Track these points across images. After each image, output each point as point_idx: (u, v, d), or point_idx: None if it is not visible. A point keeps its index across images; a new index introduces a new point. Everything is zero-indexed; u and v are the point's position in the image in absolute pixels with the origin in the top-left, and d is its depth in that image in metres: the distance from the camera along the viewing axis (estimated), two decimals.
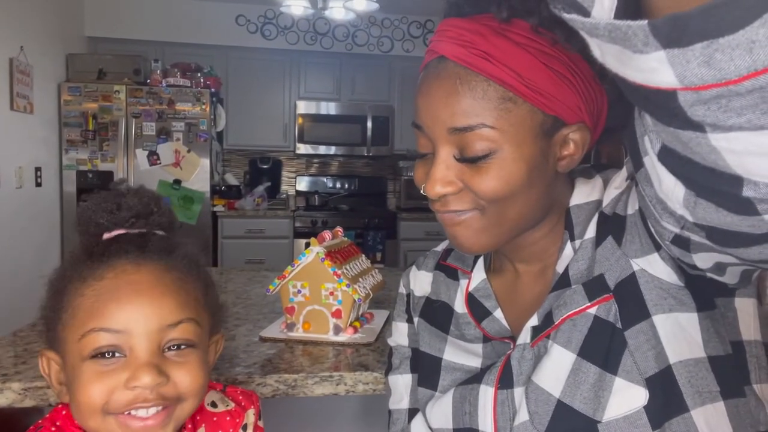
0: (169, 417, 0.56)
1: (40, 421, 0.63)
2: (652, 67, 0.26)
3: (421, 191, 0.61)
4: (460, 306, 0.70)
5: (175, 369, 0.57)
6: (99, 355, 0.54)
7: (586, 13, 0.28)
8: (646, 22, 0.25)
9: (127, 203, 0.62)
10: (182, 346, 0.58)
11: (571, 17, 0.28)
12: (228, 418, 0.68)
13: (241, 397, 0.71)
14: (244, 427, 0.69)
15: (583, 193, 0.62)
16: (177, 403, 0.57)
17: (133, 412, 0.55)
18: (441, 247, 0.79)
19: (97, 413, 0.55)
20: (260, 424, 0.73)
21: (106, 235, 0.62)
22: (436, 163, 0.57)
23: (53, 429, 0.61)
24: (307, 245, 1.11)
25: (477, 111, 0.54)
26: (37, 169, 3.40)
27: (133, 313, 0.55)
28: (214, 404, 0.68)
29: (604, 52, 0.29)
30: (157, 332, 0.55)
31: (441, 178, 0.57)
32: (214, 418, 0.67)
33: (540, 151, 0.56)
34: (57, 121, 3.68)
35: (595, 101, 0.56)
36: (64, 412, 0.62)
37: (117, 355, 0.55)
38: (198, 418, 0.66)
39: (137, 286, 0.56)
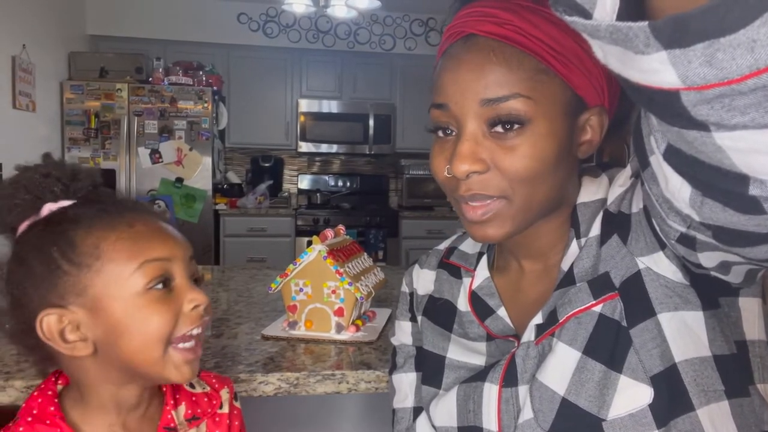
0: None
1: (18, 413, 0.63)
2: (654, 68, 0.26)
3: (439, 177, 0.59)
4: (463, 304, 0.69)
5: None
6: (155, 284, 0.62)
7: (587, 15, 0.28)
8: (647, 23, 0.25)
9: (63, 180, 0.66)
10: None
11: (573, 20, 0.28)
12: (206, 399, 0.74)
13: (214, 380, 0.78)
14: (221, 406, 0.75)
15: (589, 192, 0.62)
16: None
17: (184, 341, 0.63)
18: (443, 245, 0.79)
19: (161, 343, 0.61)
20: (237, 404, 0.78)
21: (54, 206, 0.64)
22: (464, 140, 0.55)
23: (29, 419, 0.61)
24: (309, 243, 1.11)
25: (512, 81, 0.53)
26: None
27: (174, 244, 0.65)
28: (192, 386, 0.75)
29: (606, 54, 0.29)
30: (191, 259, 0.67)
31: (470, 154, 0.54)
32: (193, 398, 0.73)
33: (568, 131, 0.56)
34: (59, 119, 3.68)
35: (615, 84, 0.57)
36: (40, 400, 0.64)
37: (166, 284, 0.63)
38: (178, 396, 0.71)
39: (165, 229, 0.66)
